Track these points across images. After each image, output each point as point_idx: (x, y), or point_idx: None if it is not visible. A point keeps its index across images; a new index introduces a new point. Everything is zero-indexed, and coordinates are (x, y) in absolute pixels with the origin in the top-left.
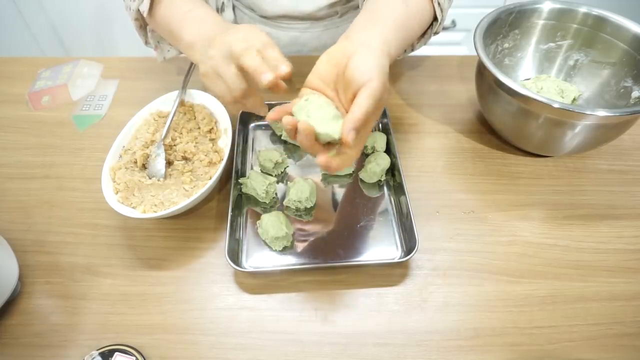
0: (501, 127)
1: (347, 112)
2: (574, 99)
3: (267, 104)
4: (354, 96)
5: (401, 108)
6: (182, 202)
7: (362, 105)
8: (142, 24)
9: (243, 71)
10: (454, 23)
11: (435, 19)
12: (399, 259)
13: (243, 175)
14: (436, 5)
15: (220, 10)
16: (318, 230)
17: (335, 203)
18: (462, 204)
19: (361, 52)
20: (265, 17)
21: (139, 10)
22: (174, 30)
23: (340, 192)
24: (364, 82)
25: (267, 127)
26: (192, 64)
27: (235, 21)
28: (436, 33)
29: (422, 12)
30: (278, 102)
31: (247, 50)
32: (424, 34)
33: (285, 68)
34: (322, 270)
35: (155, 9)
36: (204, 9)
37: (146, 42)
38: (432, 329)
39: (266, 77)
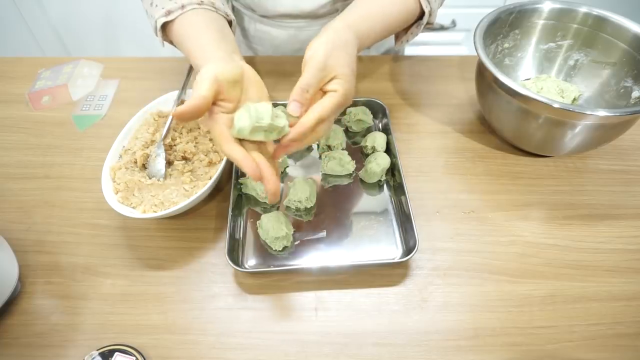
0: (501, 127)
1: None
2: (574, 99)
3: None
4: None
5: (401, 108)
6: (182, 202)
7: (303, 77)
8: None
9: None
10: (454, 23)
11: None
12: (399, 259)
13: (243, 175)
14: None
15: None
16: (318, 230)
17: (335, 203)
18: (462, 204)
19: (317, 36)
20: (265, 17)
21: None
22: (190, 51)
23: (340, 192)
24: (307, 58)
25: None
26: (191, 65)
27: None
28: (429, 24)
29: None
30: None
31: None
32: (417, 25)
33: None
34: (322, 270)
35: (171, 26)
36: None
37: (163, 45)
38: (432, 329)
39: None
